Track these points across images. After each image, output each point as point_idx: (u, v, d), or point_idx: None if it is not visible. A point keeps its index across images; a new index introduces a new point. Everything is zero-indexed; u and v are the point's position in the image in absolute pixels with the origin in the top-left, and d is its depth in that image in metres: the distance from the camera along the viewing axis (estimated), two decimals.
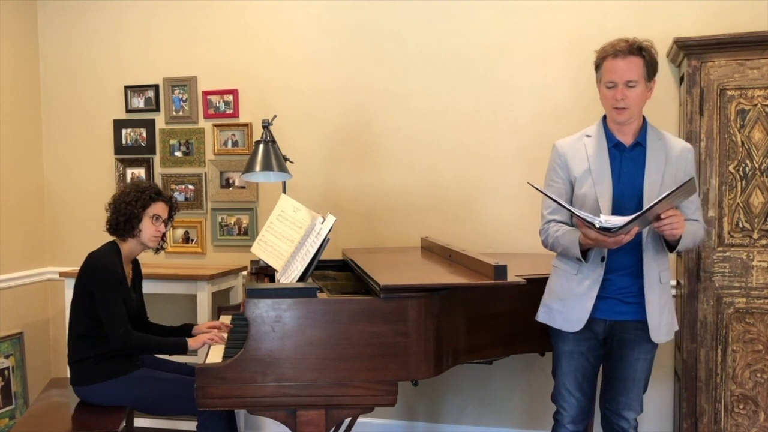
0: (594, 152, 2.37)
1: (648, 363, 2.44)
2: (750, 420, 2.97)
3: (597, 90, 2.40)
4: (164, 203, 2.89)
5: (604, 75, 2.32)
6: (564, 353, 2.47)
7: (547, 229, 2.44)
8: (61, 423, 2.65)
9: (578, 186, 2.39)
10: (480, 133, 3.59)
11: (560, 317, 2.42)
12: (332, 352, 2.24)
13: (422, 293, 2.27)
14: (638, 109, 2.34)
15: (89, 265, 2.78)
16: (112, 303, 2.69)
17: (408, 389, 3.32)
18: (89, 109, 4.12)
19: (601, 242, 2.19)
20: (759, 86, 2.90)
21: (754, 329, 2.95)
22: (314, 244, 2.59)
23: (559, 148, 2.47)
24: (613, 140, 2.37)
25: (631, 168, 2.34)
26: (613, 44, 2.32)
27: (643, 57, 2.29)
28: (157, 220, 2.85)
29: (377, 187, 3.74)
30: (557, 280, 2.46)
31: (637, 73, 2.28)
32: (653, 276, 2.34)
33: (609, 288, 2.36)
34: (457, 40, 3.59)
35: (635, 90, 2.28)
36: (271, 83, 3.83)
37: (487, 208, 3.61)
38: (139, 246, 2.88)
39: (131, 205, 2.80)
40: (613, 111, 2.32)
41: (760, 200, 2.94)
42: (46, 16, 4.14)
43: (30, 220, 4.10)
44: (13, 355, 3.91)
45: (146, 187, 2.89)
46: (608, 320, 2.39)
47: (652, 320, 2.33)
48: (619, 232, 2.13)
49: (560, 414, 2.52)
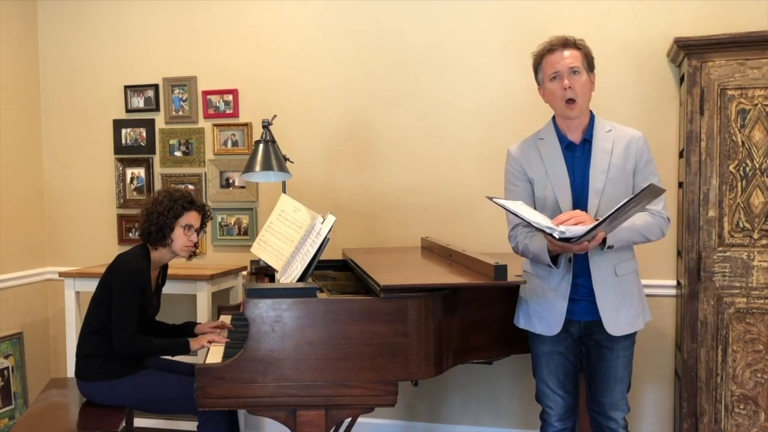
0: (548, 154, 2.38)
1: (628, 360, 2.43)
2: (750, 420, 2.97)
3: (598, 89, 2.40)
4: (197, 212, 2.86)
5: (546, 69, 2.35)
6: (543, 354, 2.47)
7: (515, 236, 2.43)
8: (60, 423, 2.65)
9: (537, 189, 2.39)
10: (480, 133, 3.59)
11: (538, 321, 2.42)
12: (332, 352, 2.24)
13: (422, 293, 2.27)
14: (586, 101, 2.34)
15: (116, 265, 2.78)
16: (127, 308, 2.69)
17: (408, 389, 3.32)
18: (89, 109, 4.12)
19: (567, 249, 2.20)
20: (759, 86, 2.90)
21: (755, 329, 2.95)
22: (314, 244, 2.59)
23: (513, 153, 2.47)
24: (565, 141, 2.38)
25: (582, 166, 2.35)
26: (547, 41, 2.36)
27: (579, 49, 2.33)
28: (189, 230, 2.82)
29: (377, 187, 3.73)
30: (530, 285, 2.45)
31: (578, 62, 2.31)
32: (604, 270, 2.32)
33: (580, 290, 2.35)
34: (457, 40, 3.59)
35: (580, 78, 2.30)
36: (271, 83, 3.83)
37: (488, 208, 3.59)
38: (170, 254, 2.86)
39: (163, 215, 2.76)
40: (564, 106, 2.32)
41: (761, 200, 2.94)
42: (46, 16, 4.14)
43: (30, 220, 4.10)
44: (12, 355, 3.91)
45: (179, 195, 2.84)
46: (582, 321, 2.39)
47: (605, 314, 2.32)
48: (582, 240, 2.13)
49: (547, 413, 2.53)
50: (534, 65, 2.41)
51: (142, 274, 2.75)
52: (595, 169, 2.33)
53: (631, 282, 2.39)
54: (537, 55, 2.40)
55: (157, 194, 2.89)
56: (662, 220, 2.35)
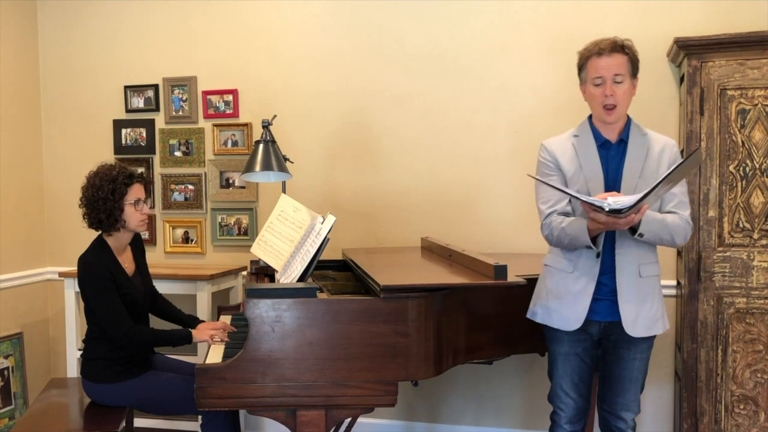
0: (583, 151, 2.38)
1: (644, 362, 2.43)
2: (750, 420, 2.97)
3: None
4: (140, 184, 2.75)
5: (590, 72, 2.34)
6: (559, 355, 2.47)
7: (549, 223, 2.40)
8: (61, 423, 2.64)
9: (570, 184, 2.39)
10: (480, 133, 3.59)
11: (558, 317, 2.41)
12: (332, 353, 2.24)
13: (422, 293, 2.27)
14: (625, 108, 2.36)
15: (79, 270, 2.70)
16: (107, 305, 2.64)
17: (408, 389, 3.32)
18: (89, 109, 4.12)
19: (611, 225, 2.17)
20: (759, 86, 2.90)
21: (755, 329, 2.95)
22: (314, 244, 2.59)
23: (548, 146, 2.47)
24: (601, 138, 2.39)
25: (616, 165, 2.36)
26: (595, 43, 2.35)
27: (627, 54, 2.33)
28: (138, 204, 2.72)
29: (377, 187, 3.73)
30: (552, 279, 2.45)
31: (623, 69, 2.31)
32: (628, 269, 2.32)
33: (603, 290, 2.35)
34: (457, 40, 3.59)
35: (622, 86, 2.31)
36: (271, 83, 3.83)
37: (487, 208, 3.60)
38: (128, 234, 2.78)
39: (108, 199, 2.65)
40: (602, 111, 2.33)
41: (761, 200, 2.94)
42: (46, 16, 4.14)
43: (30, 220, 4.10)
44: (12, 355, 3.91)
45: (116, 173, 2.69)
46: (603, 321, 2.39)
47: (625, 314, 2.32)
48: (630, 212, 2.11)
49: (557, 414, 2.52)
50: (579, 63, 2.40)
51: (105, 268, 2.66)
52: (629, 169, 2.33)
53: (653, 285, 2.38)
54: (583, 56, 2.38)
55: (92, 180, 2.71)
56: (688, 226, 2.35)
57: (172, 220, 4.03)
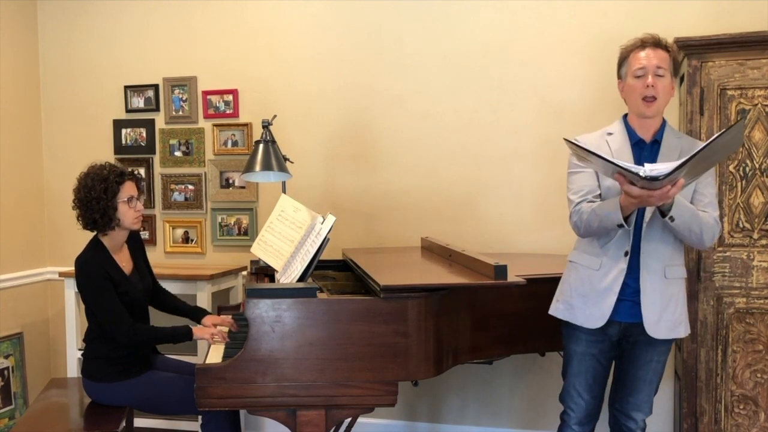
0: (618, 148, 2.35)
1: (661, 365, 2.41)
2: (750, 420, 2.97)
3: (598, 89, 2.39)
4: (130, 181, 2.77)
5: (632, 64, 2.32)
6: (576, 354, 2.45)
7: (579, 209, 2.34)
8: (61, 423, 2.64)
9: (602, 179, 2.35)
10: (480, 133, 3.59)
11: (581, 314, 2.37)
12: (332, 353, 2.24)
13: (422, 293, 2.27)
14: (664, 104, 2.32)
15: (76, 270, 2.72)
16: (105, 304, 2.65)
17: (408, 389, 3.32)
18: (89, 109, 4.12)
19: (645, 199, 2.09)
20: (759, 86, 2.90)
21: (755, 329, 2.95)
22: (314, 244, 2.59)
23: (581, 142, 2.43)
24: (635, 137, 2.36)
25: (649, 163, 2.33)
26: (639, 37, 2.34)
27: (669, 52, 2.32)
28: (132, 202, 2.73)
29: (377, 187, 3.74)
30: (577, 276, 2.41)
31: (666, 64, 2.30)
32: (654, 268, 2.29)
33: (626, 290, 2.32)
34: (458, 40, 3.59)
35: (663, 80, 2.29)
36: (271, 83, 3.83)
37: (488, 208, 3.60)
38: (123, 232, 2.78)
39: (101, 198, 2.66)
40: (642, 103, 2.30)
41: (761, 200, 2.94)
42: (46, 16, 4.14)
43: (30, 220, 4.10)
44: (12, 355, 3.91)
45: (107, 172, 2.71)
46: (623, 322, 2.36)
47: (647, 314, 2.29)
48: (665, 182, 2.03)
49: (567, 414, 2.51)
50: (620, 59, 2.38)
51: (101, 268, 2.67)
52: None
53: (678, 288, 2.36)
54: (626, 50, 2.36)
55: (84, 181, 2.72)
56: (717, 225, 2.30)
57: (172, 220, 4.03)
